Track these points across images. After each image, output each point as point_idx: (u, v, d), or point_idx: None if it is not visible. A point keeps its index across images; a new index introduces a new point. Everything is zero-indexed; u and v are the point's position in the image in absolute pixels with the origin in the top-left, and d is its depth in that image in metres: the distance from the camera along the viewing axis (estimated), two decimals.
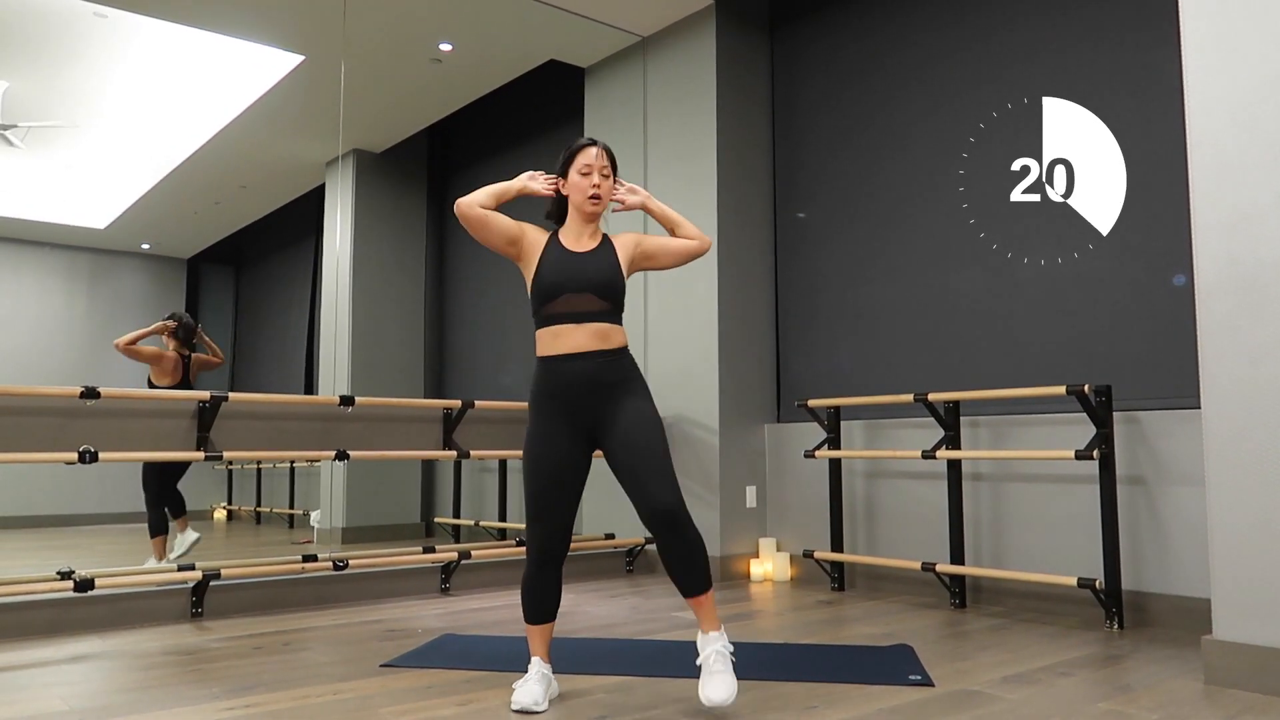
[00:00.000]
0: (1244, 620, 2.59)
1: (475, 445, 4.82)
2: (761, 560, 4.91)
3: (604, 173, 2.57)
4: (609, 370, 2.46)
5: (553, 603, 2.50)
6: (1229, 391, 2.66)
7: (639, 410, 2.45)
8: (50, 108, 6.10)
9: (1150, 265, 3.69)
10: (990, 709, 2.40)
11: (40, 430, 3.66)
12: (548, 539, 2.46)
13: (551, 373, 2.47)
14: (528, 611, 2.49)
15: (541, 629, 2.50)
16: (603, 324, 2.48)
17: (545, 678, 2.45)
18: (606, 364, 2.46)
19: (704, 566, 2.41)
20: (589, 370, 2.44)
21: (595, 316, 2.48)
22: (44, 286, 6.71)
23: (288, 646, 3.23)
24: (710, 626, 2.40)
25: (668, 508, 2.36)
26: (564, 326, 2.47)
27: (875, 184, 4.78)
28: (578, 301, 2.48)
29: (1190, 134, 2.80)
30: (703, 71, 5.19)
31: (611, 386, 2.46)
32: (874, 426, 4.59)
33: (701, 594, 2.40)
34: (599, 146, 2.58)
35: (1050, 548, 3.84)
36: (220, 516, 6.93)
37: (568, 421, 2.46)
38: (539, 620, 2.49)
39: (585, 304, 2.48)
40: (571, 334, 2.46)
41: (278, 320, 7.68)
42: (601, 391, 2.45)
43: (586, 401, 2.45)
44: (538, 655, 2.48)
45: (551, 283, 2.50)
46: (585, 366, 2.44)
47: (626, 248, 2.60)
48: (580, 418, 2.46)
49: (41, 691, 2.63)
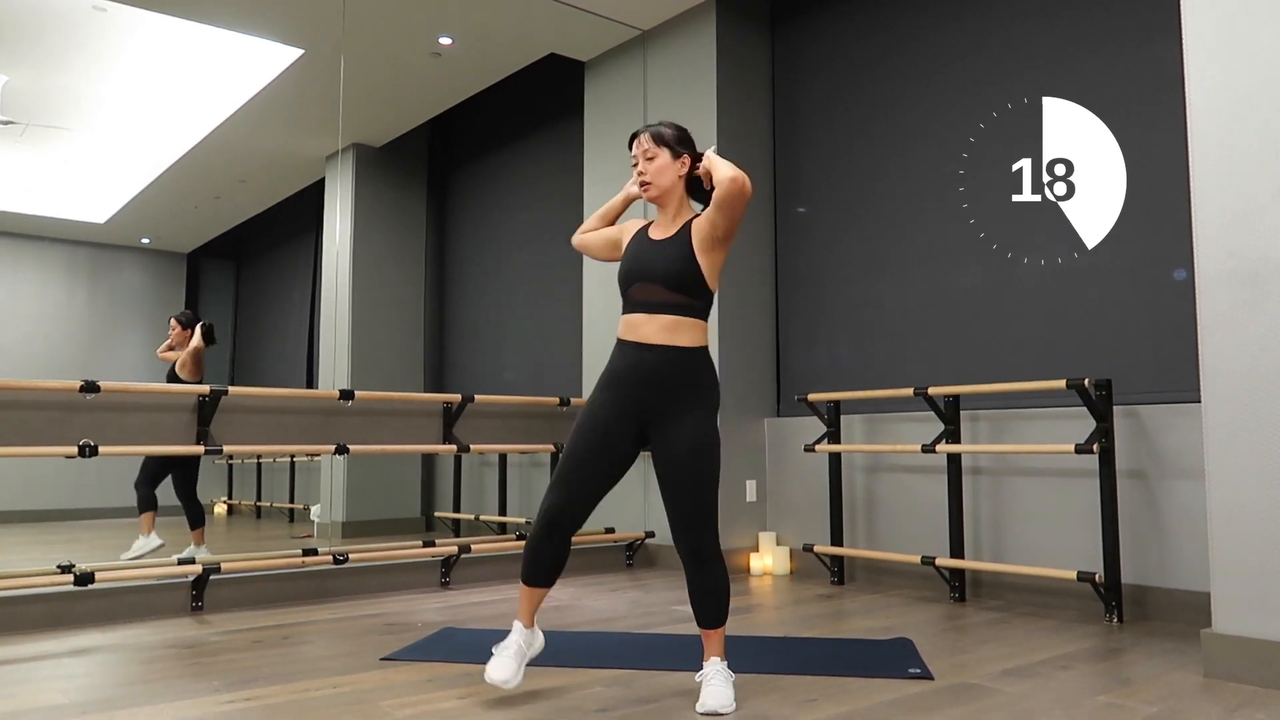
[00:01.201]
0: (1244, 613, 2.59)
1: (475, 439, 4.82)
2: (761, 554, 4.91)
3: (647, 155, 2.50)
4: (674, 369, 2.38)
5: (549, 569, 2.44)
6: (1229, 385, 2.66)
7: (695, 432, 2.35)
8: (49, 102, 6.09)
9: (1150, 260, 3.68)
10: (990, 702, 2.40)
11: (40, 424, 3.66)
12: (560, 508, 2.40)
13: (620, 357, 2.44)
14: (524, 569, 2.44)
15: (532, 592, 2.45)
16: (675, 317, 2.39)
17: (521, 649, 2.43)
18: (673, 361, 2.38)
19: (723, 603, 2.40)
20: (653, 364, 2.38)
21: (666, 308, 2.39)
22: (44, 281, 6.71)
23: (287, 640, 3.24)
24: (713, 654, 2.39)
25: (697, 545, 2.36)
26: (637, 316, 2.42)
27: (876, 178, 4.77)
28: (648, 292, 2.42)
29: (1191, 128, 2.80)
30: (703, 66, 5.18)
31: (676, 389, 2.38)
32: (874, 420, 4.59)
33: (714, 628, 2.40)
34: (642, 133, 2.53)
35: (1050, 541, 3.84)
36: (221, 511, 6.95)
37: (623, 406, 2.41)
38: (532, 582, 2.44)
39: (654, 294, 2.41)
40: (642, 324, 2.41)
41: (278, 314, 7.68)
42: (665, 390, 2.38)
43: (647, 395, 2.39)
44: (521, 619, 2.46)
45: (625, 271, 2.49)
46: (652, 359, 2.38)
47: (701, 227, 2.43)
48: (637, 406, 2.40)
49: (42, 684, 2.63)
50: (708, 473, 2.36)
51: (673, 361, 2.38)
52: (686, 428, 2.36)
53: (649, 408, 2.39)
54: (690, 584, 2.40)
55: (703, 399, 2.41)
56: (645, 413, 2.40)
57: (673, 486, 2.36)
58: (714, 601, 2.39)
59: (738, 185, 2.34)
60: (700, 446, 2.35)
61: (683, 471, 2.35)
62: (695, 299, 2.41)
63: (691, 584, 2.40)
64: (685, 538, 2.36)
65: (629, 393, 2.40)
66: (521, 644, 2.44)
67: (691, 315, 2.41)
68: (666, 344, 2.38)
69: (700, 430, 2.37)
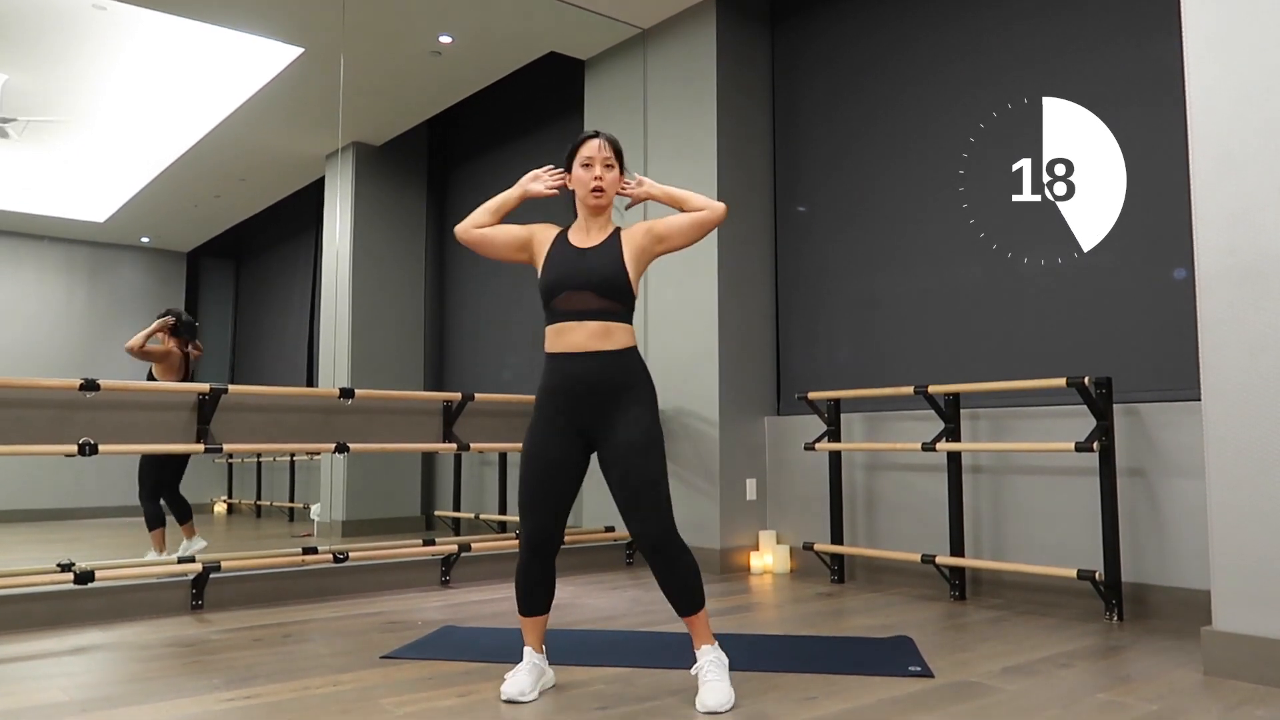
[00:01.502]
0: (1244, 611, 2.59)
1: (475, 438, 4.82)
2: (761, 553, 4.91)
3: (606, 163, 2.51)
4: (611, 371, 2.41)
5: (543, 595, 2.48)
6: (1229, 383, 2.66)
7: (637, 426, 2.39)
8: (49, 101, 6.09)
9: (1150, 259, 3.68)
10: (990, 700, 2.40)
11: (40, 423, 3.66)
12: (535, 530, 2.44)
13: (555, 370, 2.45)
14: (520, 602, 2.48)
15: (533, 621, 2.48)
16: (605, 323, 2.42)
17: (536, 668, 2.45)
18: (608, 364, 2.41)
19: (695, 589, 2.40)
20: (590, 370, 2.41)
21: (596, 315, 2.42)
22: (43, 280, 6.71)
23: (288, 638, 3.24)
24: (703, 641, 2.40)
25: (655, 537, 2.36)
26: (566, 324, 2.44)
27: (876, 177, 4.77)
28: (578, 299, 2.44)
29: (1191, 125, 2.79)
30: (703, 64, 5.18)
31: (614, 390, 2.41)
32: (874, 419, 4.59)
33: (693, 614, 2.40)
34: (601, 138, 2.54)
35: (1050, 540, 3.84)
36: (220, 510, 6.95)
37: (566, 420, 2.43)
38: (529, 612, 2.48)
39: (585, 301, 2.43)
40: (573, 332, 2.43)
41: (278, 313, 7.68)
42: (603, 393, 2.40)
43: (586, 402, 2.41)
44: (530, 645, 2.48)
45: (552, 280, 2.47)
46: (587, 366, 2.41)
47: (635, 239, 2.52)
48: (579, 417, 2.43)
49: (43, 682, 2.63)
50: (657, 464, 2.39)
51: (607, 366, 2.41)
52: (631, 425, 2.39)
53: (589, 415, 2.42)
54: (660, 578, 2.40)
55: (640, 396, 2.44)
56: (586, 421, 2.43)
57: (627, 482, 2.37)
58: (688, 588, 2.39)
59: (719, 216, 2.54)
60: (646, 440, 2.39)
61: (635, 466, 2.36)
62: (623, 304, 2.47)
63: (661, 577, 2.40)
64: (647, 531, 2.36)
65: (566, 406, 2.43)
66: (537, 663, 2.47)
67: (619, 320, 2.46)
68: (600, 348, 2.41)
69: (644, 424, 2.40)
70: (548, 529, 2.44)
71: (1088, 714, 2.27)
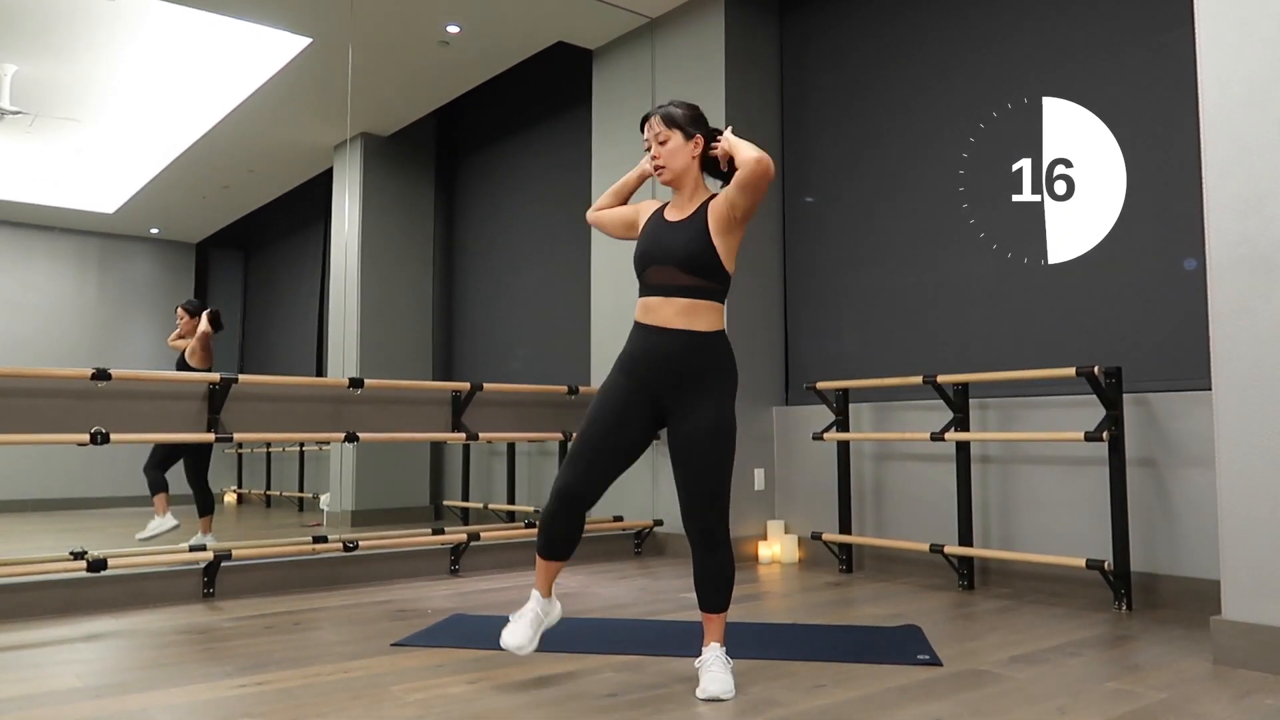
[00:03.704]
0: (1253, 600, 2.59)
1: (484, 428, 4.83)
2: (770, 542, 4.92)
3: (660, 139, 2.46)
4: (692, 354, 2.35)
5: (565, 543, 2.45)
6: (1240, 372, 2.65)
7: (713, 416, 2.34)
8: (59, 92, 6.10)
9: (1159, 249, 3.67)
10: (998, 688, 2.41)
11: (52, 412, 3.68)
12: (572, 480, 2.40)
13: (639, 339, 2.42)
14: (540, 543, 2.46)
15: (549, 565, 2.48)
16: (691, 300, 2.36)
17: (538, 616, 2.46)
18: (691, 346, 2.35)
19: (727, 589, 2.40)
20: (672, 349, 2.35)
21: (682, 292, 2.36)
22: (54, 271, 6.74)
23: (299, 626, 3.26)
24: (713, 639, 2.41)
25: (707, 530, 2.36)
26: (653, 300, 2.40)
27: (884, 168, 4.76)
28: (663, 275, 2.39)
29: (1203, 114, 2.78)
30: (711, 54, 5.17)
31: (694, 374, 2.36)
32: (882, 409, 4.58)
33: (715, 613, 2.41)
34: (649, 118, 2.49)
35: (1059, 529, 3.83)
36: (231, 500, 6.98)
37: (640, 387, 2.40)
38: (547, 555, 2.46)
39: (671, 277, 2.37)
40: (659, 308, 2.38)
41: (287, 304, 7.70)
42: (682, 374, 2.36)
43: (664, 379, 2.37)
44: (539, 589, 2.50)
45: (640, 253, 2.46)
46: (669, 344, 2.36)
47: (718, 208, 2.40)
48: (654, 390, 2.39)
49: (57, 669, 2.65)
50: (723, 456, 2.36)
51: (690, 346, 2.36)
52: (704, 411, 2.35)
53: (666, 391, 2.38)
54: (697, 567, 2.41)
55: (721, 383, 2.40)
56: (662, 396, 2.39)
57: (688, 469, 2.36)
58: (720, 586, 2.40)
59: (763, 166, 2.33)
60: (717, 430, 2.35)
61: (699, 454, 2.34)
62: (712, 281, 2.39)
63: (699, 567, 2.40)
64: (697, 520, 2.37)
65: (646, 376, 2.39)
66: (539, 611, 2.48)
67: (708, 298, 2.38)
68: (684, 328, 2.36)
69: (718, 414, 2.36)
70: (585, 484, 2.40)
71: (1096, 703, 2.27)
